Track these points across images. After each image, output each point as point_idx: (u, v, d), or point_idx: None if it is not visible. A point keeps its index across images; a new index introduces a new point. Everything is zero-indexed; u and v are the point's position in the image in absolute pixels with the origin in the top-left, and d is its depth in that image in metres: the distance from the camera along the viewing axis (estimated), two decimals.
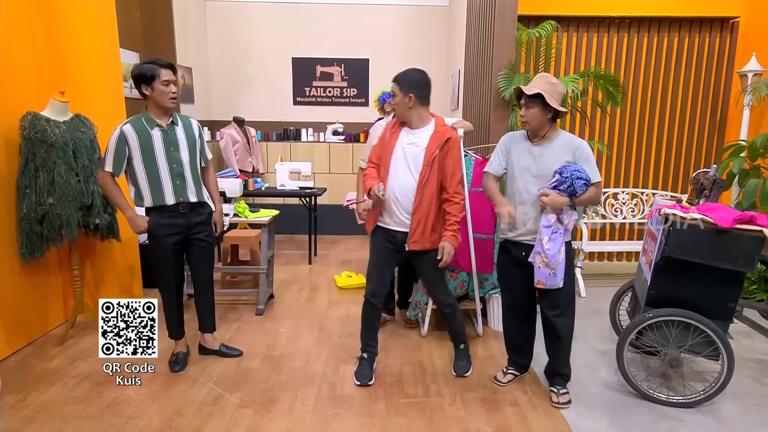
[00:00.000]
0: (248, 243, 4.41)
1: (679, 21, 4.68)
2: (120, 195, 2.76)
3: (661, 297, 2.65)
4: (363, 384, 2.82)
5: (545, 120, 2.47)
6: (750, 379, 2.92)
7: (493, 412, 2.57)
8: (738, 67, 4.52)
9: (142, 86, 2.68)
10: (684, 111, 4.89)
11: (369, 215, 2.85)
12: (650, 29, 4.72)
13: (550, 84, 2.44)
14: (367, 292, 2.84)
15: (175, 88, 2.74)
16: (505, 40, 3.64)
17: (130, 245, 3.81)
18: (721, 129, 4.90)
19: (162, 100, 2.69)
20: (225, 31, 6.66)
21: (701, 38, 4.73)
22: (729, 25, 4.69)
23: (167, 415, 2.48)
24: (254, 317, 3.77)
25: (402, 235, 2.73)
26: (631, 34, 4.73)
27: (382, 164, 2.74)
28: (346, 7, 6.67)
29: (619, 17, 4.63)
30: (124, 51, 4.25)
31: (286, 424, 2.43)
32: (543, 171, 2.49)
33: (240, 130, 5.93)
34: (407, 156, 2.68)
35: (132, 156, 2.70)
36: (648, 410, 2.59)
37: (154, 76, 2.65)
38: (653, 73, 4.81)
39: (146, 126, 2.71)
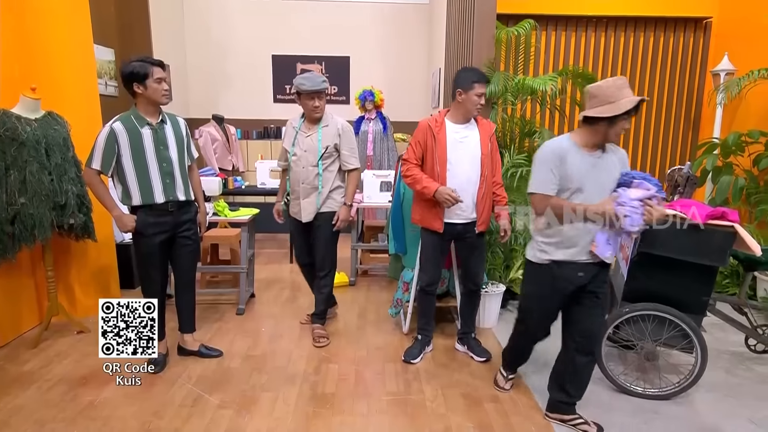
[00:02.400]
0: (228, 242, 4.37)
1: (654, 21, 4.76)
2: (107, 193, 2.73)
3: (637, 292, 2.69)
4: (407, 361, 3.03)
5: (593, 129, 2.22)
6: (723, 370, 3.00)
7: (474, 408, 2.59)
8: (711, 67, 4.63)
9: (134, 84, 2.64)
10: (659, 109, 4.98)
11: (433, 213, 2.86)
12: (626, 29, 4.80)
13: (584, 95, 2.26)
14: (424, 283, 3.03)
15: (167, 85, 2.73)
16: (485, 39, 3.67)
17: (106, 245, 3.74)
18: (695, 127, 5.01)
19: (156, 97, 2.68)
20: (203, 27, 6.58)
21: (675, 38, 4.83)
22: (702, 25, 4.80)
23: (145, 418, 2.44)
24: (235, 317, 3.74)
25: (461, 227, 2.88)
26: (608, 34, 4.81)
27: (438, 162, 2.79)
28: (326, 4, 6.65)
29: (596, 16, 4.69)
30: (98, 47, 4.17)
31: (266, 425, 2.41)
32: (602, 182, 2.22)
33: (219, 128, 5.87)
34: (465, 150, 2.81)
35: (121, 154, 2.66)
36: (626, 403, 2.64)
37: (147, 74, 2.62)
38: (629, 72, 4.89)
39: (136, 124, 2.68)
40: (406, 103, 6.81)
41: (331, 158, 3.17)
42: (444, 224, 2.86)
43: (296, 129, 3.19)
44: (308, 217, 3.20)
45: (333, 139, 3.14)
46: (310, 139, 3.14)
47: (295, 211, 3.26)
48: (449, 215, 2.84)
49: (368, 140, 5.94)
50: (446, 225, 2.87)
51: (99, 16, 4.22)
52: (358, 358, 3.13)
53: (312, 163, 3.12)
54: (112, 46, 4.63)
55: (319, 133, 3.13)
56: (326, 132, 3.14)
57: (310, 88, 3.01)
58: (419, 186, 2.81)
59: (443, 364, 3.05)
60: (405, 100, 6.81)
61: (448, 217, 2.85)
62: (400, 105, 6.71)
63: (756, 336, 2.88)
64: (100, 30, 4.26)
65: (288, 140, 3.22)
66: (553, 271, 2.28)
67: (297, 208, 3.23)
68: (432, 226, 2.88)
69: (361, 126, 6.01)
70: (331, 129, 3.16)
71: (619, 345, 2.88)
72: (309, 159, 3.13)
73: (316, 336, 3.31)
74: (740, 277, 3.74)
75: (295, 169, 3.17)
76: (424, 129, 2.85)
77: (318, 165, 3.12)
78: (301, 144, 3.15)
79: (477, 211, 2.86)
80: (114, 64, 4.65)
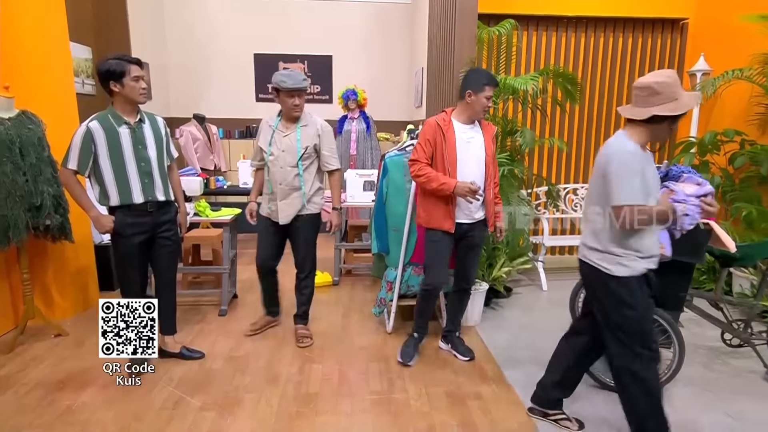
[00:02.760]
0: (210, 242, 4.33)
1: (632, 21, 4.83)
2: (84, 194, 2.67)
3: None
4: (404, 363, 3.00)
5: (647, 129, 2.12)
6: (700, 365, 3.06)
7: (458, 406, 2.60)
8: (687, 67, 4.71)
9: (110, 83, 2.59)
10: None
11: (444, 214, 2.82)
12: (606, 29, 4.86)
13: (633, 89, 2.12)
14: (430, 285, 2.99)
15: (145, 84, 2.68)
16: (466, 38, 3.67)
17: (84, 246, 3.68)
18: None
19: (133, 96, 2.63)
20: (184, 25, 6.50)
21: (653, 38, 4.91)
22: (679, 26, 4.88)
23: (124, 422, 2.40)
24: (217, 318, 3.70)
25: (467, 226, 2.87)
26: (588, 34, 4.86)
27: (448, 162, 2.77)
28: (308, 3, 6.62)
29: (576, 17, 4.75)
30: (75, 44, 4.09)
31: (249, 426, 2.39)
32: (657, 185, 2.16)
33: (200, 128, 5.80)
34: (471, 151, 2.81)
35: (98, 154, 2.61)
36: (605, 398, 2.67)
37: (124, 72, 2.57)
38: (609, 72, 4.96)
39: (114, 123, 2.63)
40: (389, 103, 6.81)
41: (311, 159, 3.11)
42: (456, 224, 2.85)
43: (273, 128, 3.09)
44: (286, 219, 3.10)
45: (313, 140, 3.08)
46: (288, 138, 3.05)
47: (269, 211, 3.15)
48: (458, 215, 2.83)
49: (351, 139, 5.94)
50: (457, 225, 2.86)
51: (75, 13, 4.14)
52: (341, 357, 3.12)
53: (291, 164, 3.06)
54: (89, 44, 4.55)
55: (297, 132, 3.06)
56: (305, 132, 3.08)
57: (292, 85, 2.94)
58: (435, 184, 2.74)
59: (427, 363, 3.06)
60: (388, 99, 6.81)
61: (456, 217, 2.83)
62: (383, 104, 6.71)
63: (731, 331, 2.94)
64: (77, 27, 4.18)
65: (264, 139, 3.11)
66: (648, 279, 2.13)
67: (273, 208, 3.13)
68: (442, 227, 2.83)
69: (344, 125, 6.00)
70: (310, 129, 3.09)
71: None
72: (287, 159, 3.05)
73: (300, 336, 3.29)
74: (716, 273, 3.82)
75: (273, 170, 3.08)
76: (434, 127, 2.80)
77: (298, 166, 3.06)
78: (278, 143, 3.06)
79: (486, 212, 2.90)
80: (91, 62, 4.57)
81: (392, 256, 3.48)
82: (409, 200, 3.33)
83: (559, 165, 5.11)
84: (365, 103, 6.00)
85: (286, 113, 3.08)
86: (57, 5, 3.47)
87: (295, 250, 3.26)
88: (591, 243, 2.15)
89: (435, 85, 4.56)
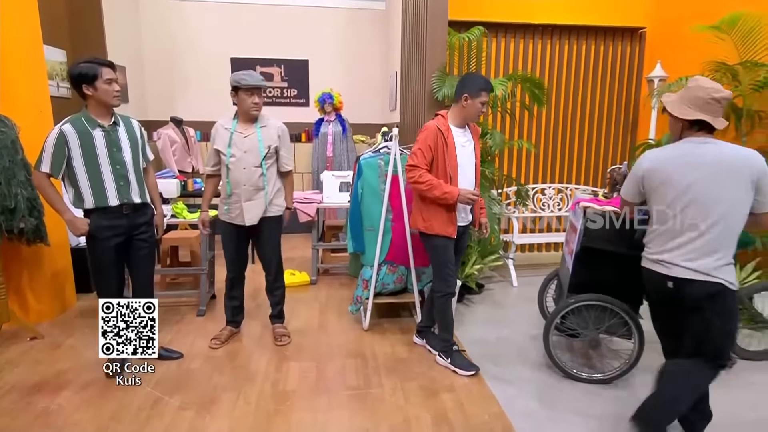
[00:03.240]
0: (188, 244, 4.25)
1: (594, 30, 4.93)
2: (57, 197, 2.58)
3: (581, 284, 2.77)
4: (476, 372, 2.86)
5: (678, 129, 2.11)
6: (657, 353, 3.08)
7: (432, 399, 2.61)
8: (645, 73, 4.83)
9: (83, 86, 2.51)
10: (601, 112, 5.16)
11: (447, 220, 2.78)
12: (570, 37, 4.95)
13: (685, 89, 2.08)
14: (440, 291, 2.87)
15: (118, 86, 2.61)
16: (437, 44, 3.69)
17: (60, 249, 3.58)
18: (633, 129, 5.21)
19: (107, 99, 2.55)
20: (160, 29, 6.36)
21: (614, 46, 5.02)
22: (637, 35, 5.00)
23: (102, 422, 2.34)
24: (196, 318, 3.64)
25: (461, 229, 2.89)
26: (554, 41, 4.94)
27: (449, 166, 2.73)
28: (284, 8, 6.55)
29: (542, 25, 4.82)
30: (49, 47, 3.96)
31: (227, 424, 2.35)
32: None
33: (178, 131, 5.69)
34: (466, 155, 2.81)
35: (72, 157, 2.52)
36: (572, 388, 2.73)
37: (96, 75, 2.50)
38: (573, 78, 5.05)
39: (87, 126, 2.55)
40: (364, 106, 6.80)
41: (272, 159, 3.04)
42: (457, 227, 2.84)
43: (231, 130, 2.97)
44: (253, 220, 3.01)
45: (274, 141, 3.01)
46: (249, 139, 2.96)
47: (235, 215, 3.02)
48: (459, 220, 2.83)
49: (328, 142, 5.91)
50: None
51: (49, 16, 4.01)
52: (319, 354, 3.10)
53: (254, 164, 2.96)
54: (64, 47, 4.41)
55: (258, 133, 2.98)
56: (266, 132, 3.01)
57: (252, 83, 2.86)
58: (438, 192, 2.67)
59: (402, 359, 3.06)
60: (363, 102, 6.80)
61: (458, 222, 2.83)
62: (359, 107, 6.69)
63: None
64: (51, 30, 4.05)
65: (222, 142, 2.97)
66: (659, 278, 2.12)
67: (237, 211, 3.00)
68: (446, 232, 2.78)
69: (320, 128, 5.97)
70: (270, 130, 3.02)
71: (566, 334, 2.97)
72: (250, 160, 2.95)
73: (278, 335, 3.26)
74: None
75: (235, 171, 2.96)
76: (435, 132, 2.73)
77: (261, 165, 2.98)
78: (239, 145, 2.95)
79: (473, 213, 2.95)
80: (66, 65, 4.43)
81: (368, 256, 3.48)
82: (384, 201, 3.34)
83: (527, 166, 5.18)
84: (341, 107, 5.98)
85: (244, 113, 2.96)
86: (30, 8, 3.36)
87: (262, 252, 3.18)
88: (717, 257, 1.97)
89: (409, 89, 4.57)
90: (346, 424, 2.39)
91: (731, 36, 3.69)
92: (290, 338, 3.27)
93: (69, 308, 3.73)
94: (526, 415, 2.47)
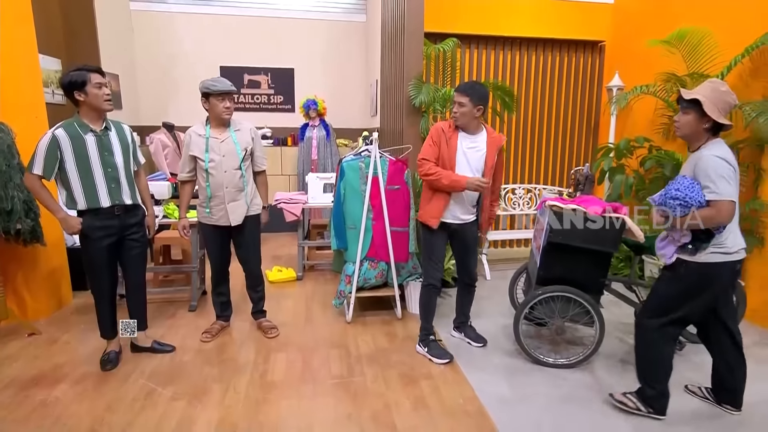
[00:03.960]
0: (180, 243, 4.20)
1: (559, 42, 5.01)
2: (50, 197, 2.53)
3: (548, 276, 2.83)
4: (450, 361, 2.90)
5: (700, 130, 2.04)
6: (617, 340, 3.22)
7: (411, 385, 2.63)
8: (605, 82, 4.93)
9: (74, 93, 2.47)
10: (566, 118, 5.25)
11: (434, 213, 2.80)
12: (536, 48, 5.02)
13: (716, 91, 2.01)
14: (433, 280, 2.94)
15: (108, 90, 2.57)
16: (414, 55, 3.72)
17: (56, 249, 3.51)
18: (594, 133, 5.32)
19: (97, 103, 2.51)
20: (152, 39, 6.28)
21: (577, 57, 5.11)
22: (598, 47, 5.10)
23: (97, 413, 2.32)
24: (187, 313, 3.61)
25: (456, 226, 2.86)
26: (522, 52, 5.01)
27: (447, 166, 2.74)
28: (271, 20, 6.52)
29: (511, 37, 4.88)
30: (44, 56, 3.89)
31: (218, 413, 2.35)
32: None
33: (170, 135, 5.62)
34: (469, 158, 2.75)
35: (65, 160, 2.48)
36: (540, 373, 2.78)
37: (85, 81, 2.46)
38: (540, 86, 5.12)
39: (80, 131, 2.51)
40: (347, 111, 6.80)
41: (248, 161, 3.01)
42: (440, 223, 2.83)
43: (206, 136, 2.90)
44: (238, 220, 2.98)
45: (249, 143, 2.99)
46: (226, 143, 2.91)
47: (218, 216, 2.96)
48: (445, 215, 2.82)
49: (312, 145, 5.90)
50: (441, 223, 2.84)
51: (44, 26, 3.94)
52: (304, 346, 3.10)
53: (234, 167, 2.92)
54: (59, 56, 4.33)
55: (233, 136, 2.94)
56: (241, 136, 2.97)
57: (222, 89, 2.82)
58: (447, 180, 2.70)
59: (383, 349, 3.08)
60: (346, 108, 6.80)
61: (443, 218, 2.82)
62: (342, 113, 6.70)
63: None
64: (46, 40, 3.97)
65: (198, 148, 2.89)
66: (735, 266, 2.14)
67: (221, 212, 2.95)
68: (428, 222, 2.83)
69: (305, 132, 5.95)
70: (244, 133, 2.99)
71: (534, 323, 3.02)
72: (230, 163, 2.91)
73: (266, 328, 3.25)
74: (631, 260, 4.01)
75: (216, 175, 2.90)
76: (439, 131, 2.78)
77: (240, 167, 2.95)
78: (216, 149, 2.89)
79: (482, 217, 2.89)
80: (60, 73, 4.34)
81: (350, 252, 3.49)
82: (365, 201, 3.35)
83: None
84: (325, 112, 5.98)
85: (216, 118, 2.90)
86: (26, 19, 3.28)
87: (243, 251, 3.13)
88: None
89: (387, 96, 4.59)
90: (331, 411, 2.40)
91: (680, 50, 3.80)
92: (278, 330, 3.27)
93: (65, 305, 3.67)
94: (497, 398, 2.51)
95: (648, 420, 2.32)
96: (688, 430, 2.26)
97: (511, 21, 4.79)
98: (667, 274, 2.25)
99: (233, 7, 6.44)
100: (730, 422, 2.33)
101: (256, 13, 6.48)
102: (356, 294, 3.46)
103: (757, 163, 3.51)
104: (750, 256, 3.50)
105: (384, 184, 3.37)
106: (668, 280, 2.24)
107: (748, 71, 3.59)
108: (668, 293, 2.24)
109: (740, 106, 3.41)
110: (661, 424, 2.30)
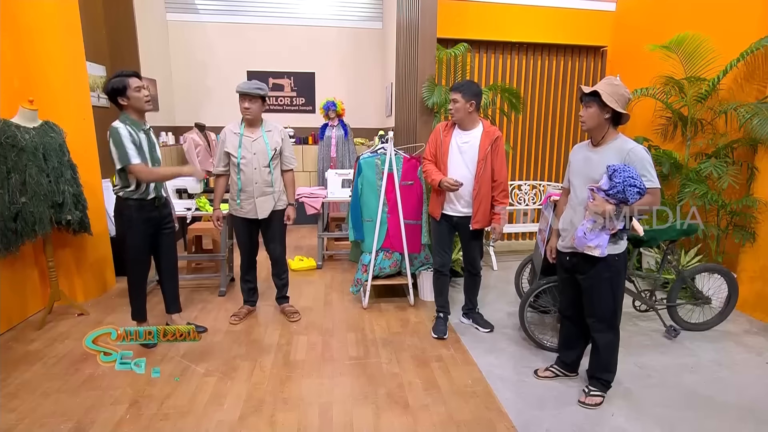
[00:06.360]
0: (210, 233, 4.28)
1: (564, 48, 4.94)
2: (164, 168, 2.68)
3: (551, 267, 2.81)
4: (440, 337, 2.98)
5: (602, 121, 2.07)
6: None
7: (422, 367, 2.65)
8: None
9: (118, 98, 2.54)
10: (570, 119, 5.18)
11: (436, 205, 2.91)
12: (543, 53, 4.95)
13: (611, 85, 2.05)
14: (438, 265, 3.01)
15: (147, 92, 2.62)
16: (427, 59, 3.70)
17: (101, 238, 3.60)
18: None
19: (139, 105, 2.58)
20: (185, 46, 6.36)
21: (580, 62, 5.03)
22: (600, 52, 5.01)
23: (139, 386, 2.39)
24: (217, 298, 3.68)
25: (458, 218, 2.87)
26: (528, 57, 4.95)
27: (440, 161, 2.79)
28: (293, 29, 6.55)
29: (519, 42, 4.82)
30: (91, 64, 3.97)
31: (246, 388, 2.40)
32: (591, 175, 2.11)
33: (201, 135, 5.70)
34: (462, 153, 2.77)
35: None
36: (542, 356, 2.78)
37: (126, 86, 2.52)
38: (545, 88, 5.06)
39: (134, 128, 2.58)
40: (364, 112, 6.81)
41: (277, 160, 3.04)
42: (442, 214, 2.91)
43: (240, 134, 2.95)
44: (264, 213, 3.01)
45: (278, 143, 3.01)
46: (257, 142, 2.94)
47: (247, 209, 3.00)
48: (445, 208, 2.88)
49: (332, 144, 5.92)
50: (443, 215, 2.91)
51: (91, 36, 4.02)
52: (324, 329, 3.14)
53: (264, 164, 2.95)
54: (104, 64, 4.41)
55: (264, 136, 2.98)
56: (271, 136, 3.00)
57: (239, 89, 2.85)
58: (429, 178, 2.83)
59: (396, 332, 3.10)
60: (363, 109, 6.81)
61: (444, 210, 2.90)
62: (359, 113, 6.71)
63: (640, 299, 3.07)
64: (93, 49, 4.06)
65: (232, 145, 2.94)
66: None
67: (250, 206, 2.99)
68: (432, 213, 2.95)
69: (325, 132, 5.97)
70: (275, 134, 3.01)
71: (538, 310, 3.02)
72: (260, 160, 2.94)
73: (289, 313, 3.29)
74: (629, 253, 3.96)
75: (247, 171, 2.94)
76: (436, 131, 2.87)
77: (269, 165, 2.98)
78: (248, 147, 2.93)
79: (472, 208, 2.82)
80: (105, 78, 4.43)
81: (367, 243, 3.51)
82: (381, 195, 3.37)
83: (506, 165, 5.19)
84: (343, 113, 5.99)
85: (244, 117, 2.94)
86: (75, 30, 3.36)
87: (270, 242, 3.17)
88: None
89: (402, 98, 4.58)
90: (349, 389, 2.43)
91: (678, 54, 3.72)
92: (300, 315, 3.31)
93: (109, 289, 3.77)
94: (503, 380, 2.52)
95: (644, 392, 2.31)
96: (691, 415, 2.25)
97: (518, 27, 4.73)
98: (606, 274, 2.14)
99: (259, 16, 6.48)
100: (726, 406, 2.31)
101: (280, 21, 6.51)
102: (372, 282, 3.49)
103: (751, 162, 3.43)
104: (742, 250, 3.44)
105: (398, 179, 3.38)
106: (610, 279, 2.15)
107: (743, 75, 3.50)
108: (617, 291, 2.20)
109: (735, 107, 3.34)
110: (662, 404, 2.28)
